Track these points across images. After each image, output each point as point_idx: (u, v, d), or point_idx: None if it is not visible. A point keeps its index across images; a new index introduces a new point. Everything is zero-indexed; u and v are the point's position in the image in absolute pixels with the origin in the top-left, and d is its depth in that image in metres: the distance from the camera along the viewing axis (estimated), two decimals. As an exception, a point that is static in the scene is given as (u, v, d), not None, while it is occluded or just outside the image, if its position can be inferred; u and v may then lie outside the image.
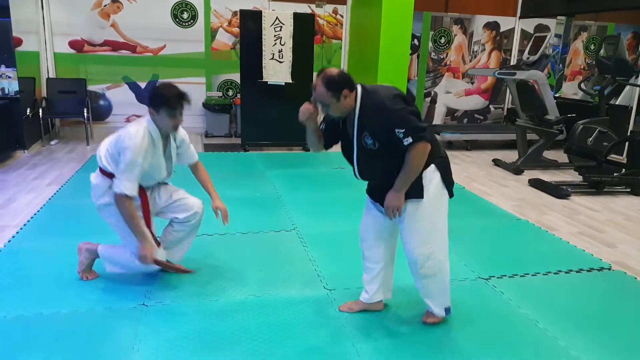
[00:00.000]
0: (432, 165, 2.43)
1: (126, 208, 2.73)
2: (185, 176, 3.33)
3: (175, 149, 3.07)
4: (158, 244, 2.95)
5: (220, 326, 2.62)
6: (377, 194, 2.59)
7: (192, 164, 3.28)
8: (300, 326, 2.65)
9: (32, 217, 4.08)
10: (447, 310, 2.72)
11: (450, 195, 2.56)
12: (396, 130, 2.27)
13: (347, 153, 2.56)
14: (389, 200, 2.41)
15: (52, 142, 7.05)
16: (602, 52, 8.31)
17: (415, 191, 2.43)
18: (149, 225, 2.91)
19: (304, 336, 2.56)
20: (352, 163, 2.55)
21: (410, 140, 2.26)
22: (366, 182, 2.71)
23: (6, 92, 6.08)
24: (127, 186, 2.69)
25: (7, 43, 6.08)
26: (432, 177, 2.44)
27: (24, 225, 3.91)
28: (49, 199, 4.56)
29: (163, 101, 2.74)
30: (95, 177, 2.92)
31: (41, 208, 4.30)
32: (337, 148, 2.74)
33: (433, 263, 2.55)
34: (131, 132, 2.75)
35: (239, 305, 2.84)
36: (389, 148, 2.34)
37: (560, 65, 8.74)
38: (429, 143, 2.32)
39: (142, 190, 2.85)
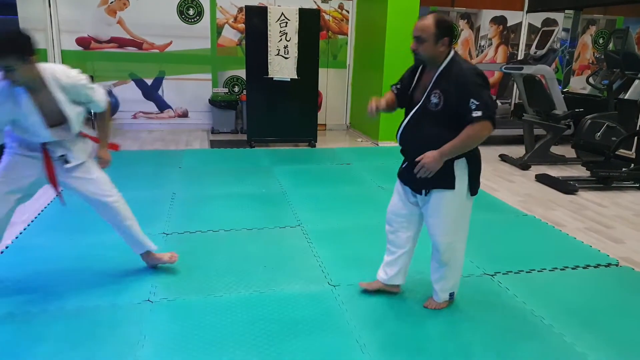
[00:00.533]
0: (464, 159, 2.49)
1: None
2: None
3: (61, 99, 2.62)
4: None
5: (225, 322, 2.62)
6: (407, 177, 2.65)
7: (97, 113, 2.98)
8: (305, 322, 2.65)
9: (39, 214, 4.11)
10: (452, 295, 2.83)
11: (475, 192, 2.60)
12: (471, 100, 2.32)
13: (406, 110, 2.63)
14: (427, 157, 2.40)
15: (60, 139, 7.08)
16: (610, 46, 8.24)
17: (447, 181, 2.50)
18: (56, 188, 2.82)
19: (309, 332, 2.57)
20: (402, 123, 2.62)
21: (479, 114, 2.31)
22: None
23: (14, 89, 6.11)
24: None
25: (14, 40, 6.10)
26: (463, 171, 2.50)
27: (32, 221, 3.94)
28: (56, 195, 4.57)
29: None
30: None
31: (49, 204, 4.33)
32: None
33: (453, 252, 2.67)
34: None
35: (244, 301, 2.84)
36: (447, 114, 2.40)
37: (568, 58, 8.67)
38: (492, 127, 2.37)
39: (45, 151, 2.71)
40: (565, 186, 5.32)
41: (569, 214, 4.61)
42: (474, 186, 2.57)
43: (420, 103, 2.50)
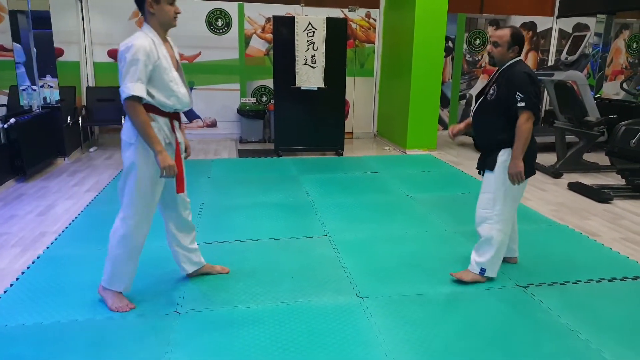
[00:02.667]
0: (509, 149, 2.96)
1: (137, 114, 2.49)
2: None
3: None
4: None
5: (252, 334, 2.61)
6: (479, 162, 3.22)
7: None
8: (333, 335, 2.62)
9: (70, 224, 4.18)
10: (483, 270, 3.15)
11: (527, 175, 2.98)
12: (517, 93, 2.85)
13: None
14: (509, 169, 2.94)
15: (91, 150, 7.24)
16: (645, 50, 8.03)
17: (490, 165, 3.06)
18: (182, 176, 2.80)
19: (336, 345, 2.53)
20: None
21: (523, 104, 2.84)
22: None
23: (48, 101, 6.28)
24: (132, 87, 2.45)
25: (49, 53, 6.28)
26: (506, 158, 2.97)
27: (63, 231, 4.01)
28: (87, 205, 4.66)
29: None
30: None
31: (79, 214, 4.40)
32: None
33: (488, 227, 3.08)
34: (127, 39, 2.54)
35: (271, 312, 2.82)
36: (498, 104, 2.96)
37: (600, 63, 8.47)
38: (535, 117, 2.86)
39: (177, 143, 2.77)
40: (600, 195, 5.17)
41: (604, 224, 4.47)
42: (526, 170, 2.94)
43: (484, 95, 3.10)
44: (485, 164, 3.11)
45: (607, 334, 2.68)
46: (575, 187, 5.54)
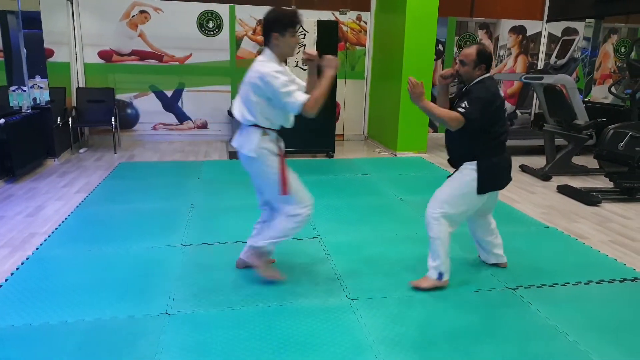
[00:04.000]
0: (475, 163, 3.01)
1: (315, 100, 2.80)
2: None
3: None
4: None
5: (242, 336, 2.61)
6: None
7: None
8: (323, 336, 2.62)
9: (60, 225, 4.16)
10: (440, 275, 3.12)
11: (482, 190, 3.04)
12: (465, 102, 2.92)
13: None
14: (414, 86, 2.97)
15: (81, 151, 7.20)
16: (633, 54, 8.12)
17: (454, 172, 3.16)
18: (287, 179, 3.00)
19: (327, 347, 2.54)
20: None
21: (462, 110, 2.89)
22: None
23: (38, 102, 6.24)
24: (298, 95, 2.77)
25: (39, 54, 6.24)
26: (468, 172, 3.04)
27: (52, 232, 3.99)
28: (77, 206, 4.64)
29: (290, 20, 2.80)
30: (242, 136, 2.97)
31: (69, 215, 4.38)
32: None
33: (433, 225, 3.06)
34: (259, 66, 2.82)
35: (261, 314, 2.83)
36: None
37: (589, 68, 8.56)
38: (465, 120, 2.87)
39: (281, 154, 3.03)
40: (588, 197, 5.22)
41: (592, 226, 4.52)
42: (479, 186, 3.03)
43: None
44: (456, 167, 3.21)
45: (595, 336, 2.70)
46: (564, 190, 5.59)
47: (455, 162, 3.19)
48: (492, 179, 3.07)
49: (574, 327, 2.78)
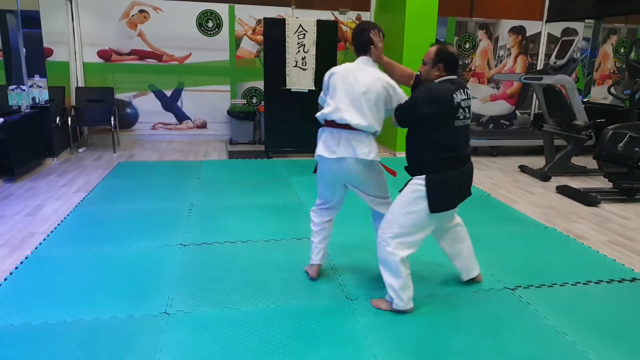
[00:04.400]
0: (423, 181, 2.76)
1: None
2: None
3: None
4: None
5: (241, 335, 2.61)
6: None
7: None
8: (322, 336, 2.63)
9: (59, 224, 4.15)
10: (391, 300, 2.87)
11: (434, 209, 2.77)
12: (405, 100, 2.87)
13: None
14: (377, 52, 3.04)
15: (80, 150, 7.19)
16: (632, 55, 8.12)
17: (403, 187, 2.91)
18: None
19: (326, 347, 2.54)
20: None
21: (397, 110, 2.87)
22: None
23: (37, 101, 6.24)
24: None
25: (39, 53, 6.24)
26: (417, 186, 2.80)
27: (52, 232, 3.98)
28: (76, 205, 4.64)
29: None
30: (358, 142, 2.93)
31: (68, 215, 4.38)
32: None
33: (382, 250, 2.84)
34: (377, 73, 2.97)
35: (261, 314, 2.83)
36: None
37: (589, 68, 8.57)
38: (399, 123, 2.86)
39: None
40: (587, 198, 5.23)
41: (591, 227, 4.52)
42: (431, 205, 2.76)
43: None
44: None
45: (594, 336, 2.71)
46: (563, 190, 5.59)
47: (409, 170, 2.92)
48: (444, 197, 2.78)
49: (572, 327, 2.78)
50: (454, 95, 2.69)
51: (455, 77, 2.82)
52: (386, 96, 2.90)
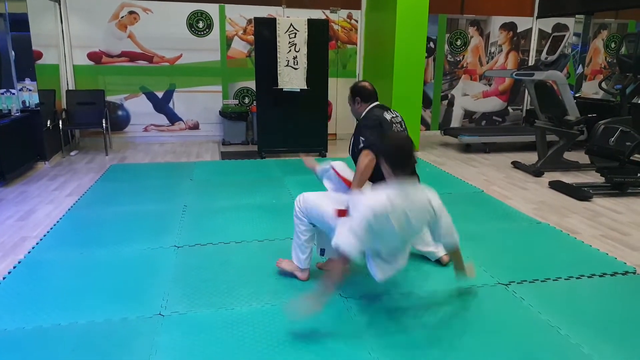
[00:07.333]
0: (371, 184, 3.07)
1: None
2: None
3: None
4: None
5: (236, 336, 2.60)
6: None
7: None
8: (317, 335, 2.63)
9: (51, 228, 4.13)
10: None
11: None
12: (360, 137, 3.15)
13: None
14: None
15: (72, 153, 7.16)
16: (623, 50, 8.16)
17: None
18: None
19: (321, 345, 2.54)
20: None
21: (361, 145, 3.11)
22: None
23: (27, 104, 6.20)
24: None
25: (28, 57, 6.20)
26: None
27: (44, 236, 3.96)
28: (68, 209, 4.61)
29: None
30: None
31: (60, 219, 4.35)
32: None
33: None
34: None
35: (256, 313, 2.82)
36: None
37: (580, 64, 8.61)
38: (373, 155, 2.96)
39: None
40: (580, 193, 5.25)
41: (583, 221, 4.54)
42: None
43: (352, 141, 3.32)
44: None
45: (587, 329, 2.72)
46: (555, 185, 5.62)
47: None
48: None
49: (565, 321, 2.80)
50: (384, 114, 3.22)
51: (377, 102, 3.33)
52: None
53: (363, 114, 3.28)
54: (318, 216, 2.98)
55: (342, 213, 2.80)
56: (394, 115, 3.27)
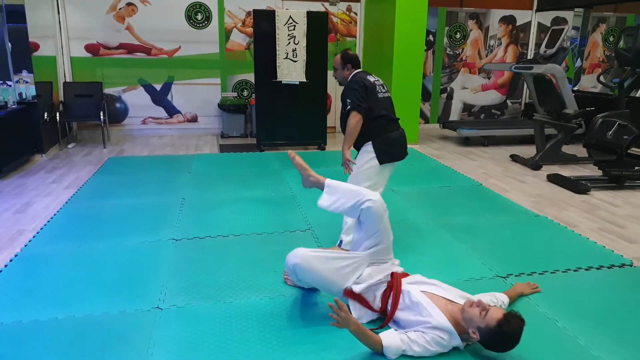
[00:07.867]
0: (370, 144, 3.41)
1: None
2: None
3: None
4: None
5: (235, 329, 2.60)
6: None
7: None
8: (316, 328, 2.63)
9: (49, 221, 4.12)
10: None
11: (383, 160, 3.43)
12: (346, 99, 3.39)
13: None
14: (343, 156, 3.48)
15: (70, 146, 7.14)
16: (621, 43, 8.16)
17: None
18: None
19: (320, 338, 2.54)
20: None
21: (348, 107, 3.36)
22: None
23: (24, 96, 6.17)
24: None
25: (25, 48, 6.16)
26: (364, 149, 3.46)
27: (41, 229, 3.95)
28: (66, 202, 4.60)
29: None
30: None
31: (58, 212, 4.35)
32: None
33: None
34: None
35: (254, 307, 2.82)
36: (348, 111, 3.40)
37: (579, 58, 8.60)
38: (360, 114, 3.31)
39: None
40: (578, 186, 5.26)
41: (581, 214, 4.55)
42: (379, 158, 3.42)
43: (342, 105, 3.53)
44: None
45: (584, 321, 2.73)
46: (553, 178, 5.62)
47: (356, 145, 3.50)
48: (385, 151, 3.43)
49: (563, 313, 2.80)
50: (368, 77, 3.45)
51: (360, 69, 3.58)
52: None
53: (349, 78, 3.50)
54: (315, 281, 2.70)
55: (354, 296, 2.65)
56: (376, 79, 3.51)
